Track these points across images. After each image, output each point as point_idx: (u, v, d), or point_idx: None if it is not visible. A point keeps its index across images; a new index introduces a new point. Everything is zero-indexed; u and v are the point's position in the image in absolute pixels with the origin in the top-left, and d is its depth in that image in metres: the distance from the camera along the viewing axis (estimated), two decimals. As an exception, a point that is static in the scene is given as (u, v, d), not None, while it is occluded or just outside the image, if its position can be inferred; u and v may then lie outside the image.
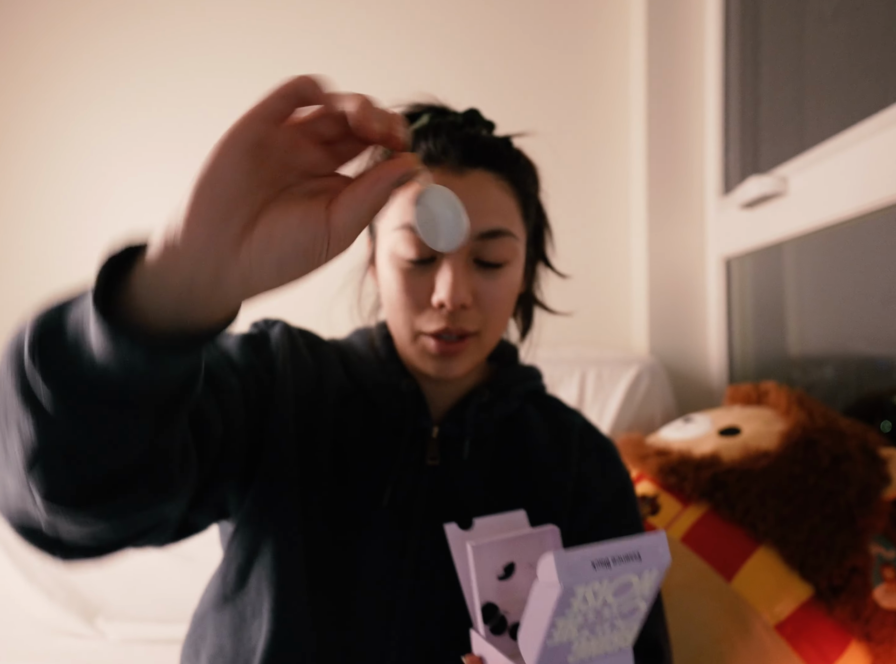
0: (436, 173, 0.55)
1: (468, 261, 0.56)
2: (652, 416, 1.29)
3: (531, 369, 0.72)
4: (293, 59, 1.51)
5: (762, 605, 0.73)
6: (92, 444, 0.33)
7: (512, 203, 0.58)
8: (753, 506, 0.79)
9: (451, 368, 0.58)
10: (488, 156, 0.56)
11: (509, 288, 0.59)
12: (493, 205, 0.56)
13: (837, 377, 1.13)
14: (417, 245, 0.55)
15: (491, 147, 0.57)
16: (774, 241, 1.20)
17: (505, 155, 0.58)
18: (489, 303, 0.57)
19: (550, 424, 0.67)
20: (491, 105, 1.49)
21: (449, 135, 0.57)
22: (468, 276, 0.55)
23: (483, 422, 0.63)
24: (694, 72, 1.46)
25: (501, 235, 0.56)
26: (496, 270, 0.57)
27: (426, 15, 1.52)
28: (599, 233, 1.52)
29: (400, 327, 0.59)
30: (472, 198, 0.54)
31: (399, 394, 0.62)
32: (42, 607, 1.18)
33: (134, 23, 1.50)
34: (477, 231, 0.55)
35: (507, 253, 0.57)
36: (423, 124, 0.60)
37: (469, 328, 0.57)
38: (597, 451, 0.67)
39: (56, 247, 1.51)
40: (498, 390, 0.65)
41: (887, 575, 0.75)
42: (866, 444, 0.84)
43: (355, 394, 0.63)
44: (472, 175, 0.55)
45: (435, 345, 0.57)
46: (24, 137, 1.49)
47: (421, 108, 0.62)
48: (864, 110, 0.96)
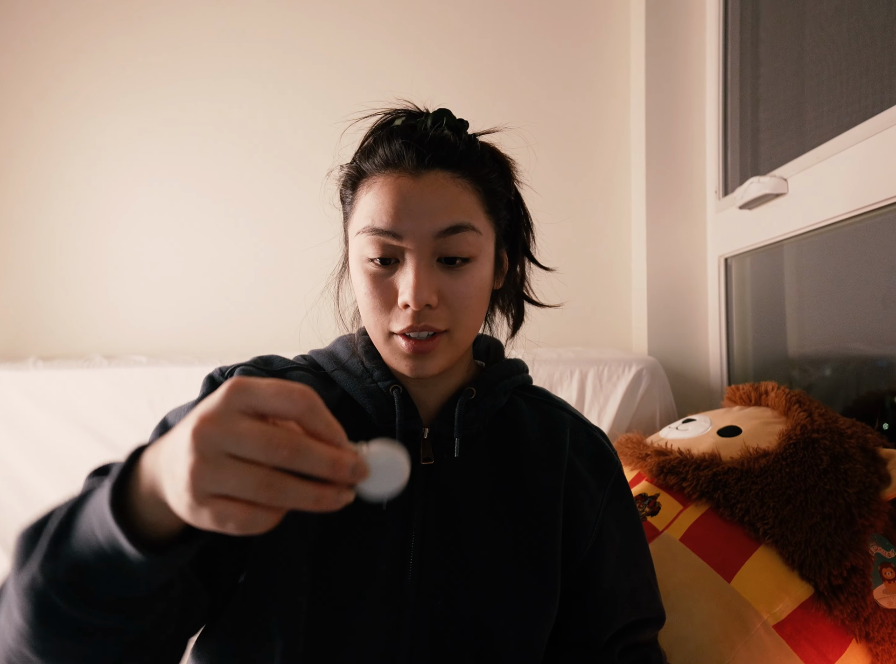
0: (393, 177, 0.56)
1: (431, 260, 0.56)
2: (652, 416, 1.30)
3: (516, 363, 0.72)
4: (294, 79, 1.52)
5: (762, 605, 0.73)
6: None
7: (473, 199, 0.58)
8: (753, 506, 0.79)
9: (424, 367, 0.59)
10: (444, 156, 0.57)
11: (476, 284, 0.59)
12: (450, 201, 0.56)
13: (837, 377, 1.13)
14: (381, 245, 0.56)
15: (447, 147, 0.57)
16: (774, 241, 1.20)
17: (463, 153, 0.58)
18: (456, 300, 0.57)
19: (541, 419, 0.68)
20: (491, 106, 1.50)
21: (405, 138, 0.57)
22: (431, 275, 0.56)
23: (472, 420, 0.63)
24: (694, 73, 1.46)
25: (462, 230, 0.56)
26: (460, 267, 0.57)
27: (426, 15, 1.52)
28: (599, 233, 1.52)
29: (373, 329, 0.60)
30: (428, 198, 0.55)
31: (387, 399, 0.63)
32: (42, 607, 1.18)
33: (139, 40, 1.50)
34: (436, 229, 0.55)
35: (469, 248, 0.57)
36: (377, 129, 0.61)
37: (437, 326, 0.57)
38: (588, 448, 0.69)
39: (56, 247, 1.51)
40: (484, 387, 0.66)
41: (887, 575, 0.75)
42: (866, 444, 0.84)
43: (342, 403, 0.63)
44: (427, 176, 0.56)
45: (406, 345, 0.57)
46: (28, 146, 1.50)
47: (395, 113, 0.63)
48: (863, 110, 0.96)
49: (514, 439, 0.65)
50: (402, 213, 0.55)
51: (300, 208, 1.51)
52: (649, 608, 0.66)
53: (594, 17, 1.52)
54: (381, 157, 0.57)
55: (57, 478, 1.24)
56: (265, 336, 1.49)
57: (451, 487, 0.61)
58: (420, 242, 0.55)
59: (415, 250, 0.55)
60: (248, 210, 1.52)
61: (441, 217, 0.55)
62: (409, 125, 0.59)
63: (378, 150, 0.58)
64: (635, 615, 0.64)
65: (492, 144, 0.64)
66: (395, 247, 0.56)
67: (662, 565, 0.81)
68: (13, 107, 1.49)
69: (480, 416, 0.64)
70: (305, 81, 1.52)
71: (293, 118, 1.52)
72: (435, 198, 0.55)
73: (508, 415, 0.67)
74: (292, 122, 1.52)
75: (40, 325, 1.51)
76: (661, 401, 1.31)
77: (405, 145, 0.56)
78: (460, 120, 0.61)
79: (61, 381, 1.28)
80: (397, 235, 0.55)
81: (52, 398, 1.28)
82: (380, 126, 0.62)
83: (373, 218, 0.56)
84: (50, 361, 1.34)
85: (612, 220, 1.53)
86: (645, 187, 1.45)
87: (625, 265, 1.53)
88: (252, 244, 1.52)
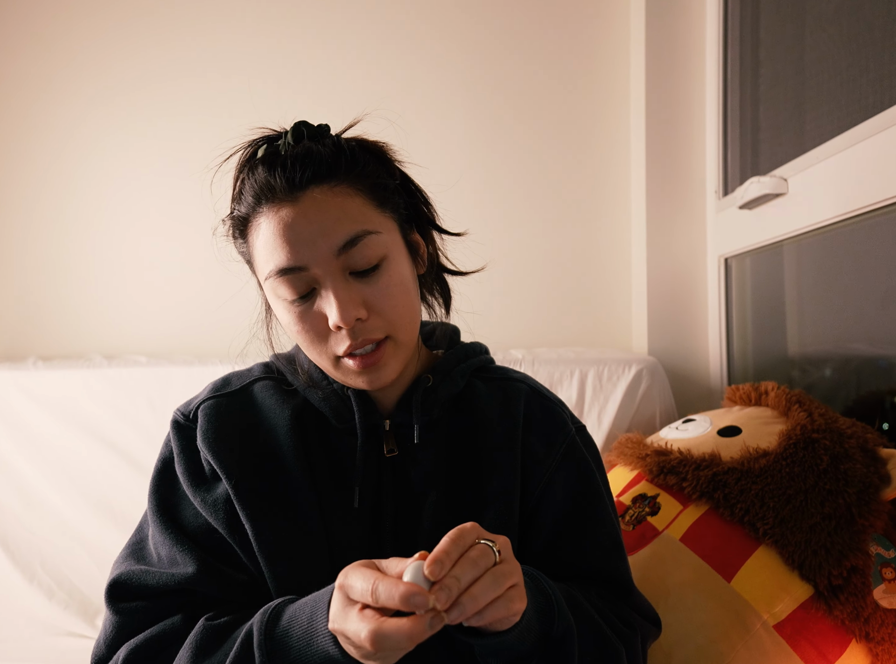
0: (273, 210, 0.55)
1: (344, 275, 0.56)
2: (652, 416, 1.30)
3: (473, 346, 0.72)
4: (296, 89, 1.52)
5: (762, 605, 0.73)
6: None
7: (358, 201, 0.56)
8: (753, 506, 0.79)
9: (380, 377, 0.59)
10: (314, 171, 0.55)
11: (398, 282, 0.58)
12: (337, 215, 0.54)
13: (837, 377, 1.13)
14: (292, 282, 0.55)
15: (314, 160, 0.55)
16: (774, 241, 1.20)
17: (331, 161, 0.56)
18: (383, 306, 0.57)
19: (499, 397, 0.68)
20: (491, 107, 1.50)
21: (268, 165, 0.55)
22: (350, 290, 0.55)
23: (430, 405, 0.64)
24: (694, 73, 1.46)
25: (360, 239, 0.55)
26: (375, 273, 0.56)
27: (426, 16, 1.52)
28: (599, 233, 1.52)
29: (318, 359, 0.60)
30: (314, 219, 0.54)
31: (343, 399, 0.64)
32: (42, 607, 1.19)
33: (143, 52, 1.50)
34: (335, 246, 0.54)
35: (374, 252, 0.56)
36: (242, 167, 0.59)
37: (375, 336, 0.57)
38: (541, 419, 0.68)
39: (56, 248, 1.51)
40: (441, 373, 0.66)
41: (887, 575, 0.75)
42: (866, 444, 0.84)
43: (305, 408, 0.65)
44: (304, 197, 0.54)
45: (355, 363, 0.58)
46: (27, 145, 1.50)
47: (254, 143, 0.60)
48: (863, 111, 0.96)
49: (472, 421, 0.66)
50: (296, 244, 0.54)
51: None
52: (603, 569, 0.65)
53: (594, 17, 1.52)
54: (252, 194, 0.56)
55: (57, 478, 1.25)
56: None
57: (416, 475, 0.63)
58: (326, 264, 0.54)
59: (324, 274, 0.55)
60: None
61: (334, 234, 0.54)
62: (271, 152, 0.57)
63: (246, 187, 0.57)
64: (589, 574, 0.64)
65: (359, 137, 0.62)
66: (305, 278, 0.55)
67: (662, 565, 0.81)
68: (12, 106, 1.50)
69: (438, 402, 0.65)
70: (304, 83, 1.52)
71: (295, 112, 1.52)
72: (320, 216, 0.54)
73: (466, 398, 0.67)
74: (295, 115, 1.52)
75: (40, 325, 1.51)
76: (661, 401, 1.31)
77: (270, 172, 0.55)
78: (319, 126, 0.60)
79: (61, 381, 1.28)
80: (301, 268, 0.54)
81: (52, 398, 1.28)
82: (244, 162, 0.60)
83: (272, 261, 0.55)
84: (50, 361, 1.34)
85: (612, 220, 1.53)
86: (645, 187, 1.45)
87: (625, 265, 1.53)
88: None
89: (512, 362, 1.30)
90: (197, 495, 0.60)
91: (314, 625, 0.46)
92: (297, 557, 0.58)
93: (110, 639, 0.57)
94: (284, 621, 0.49)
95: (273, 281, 0.56)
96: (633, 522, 0.89)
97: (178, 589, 0.57)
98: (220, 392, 0.66)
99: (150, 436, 1.26)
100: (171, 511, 0.61)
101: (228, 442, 0.61)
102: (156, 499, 0.62)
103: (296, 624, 0.48)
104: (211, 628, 0.53)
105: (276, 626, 0.49)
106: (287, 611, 0.50)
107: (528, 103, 1.52)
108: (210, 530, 0.60)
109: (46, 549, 1.23)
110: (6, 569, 1.21)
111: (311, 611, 0.47)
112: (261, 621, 0.50)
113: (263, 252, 0.56)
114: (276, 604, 0.51)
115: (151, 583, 0.57)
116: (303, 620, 0.48)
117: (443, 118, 1.51)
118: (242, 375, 0.69)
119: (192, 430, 0.63)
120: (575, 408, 1.28)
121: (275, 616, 0.50)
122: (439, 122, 1.50)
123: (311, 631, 0.46)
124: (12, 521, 1.24)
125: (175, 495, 0.62)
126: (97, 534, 1.23)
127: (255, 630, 0.49)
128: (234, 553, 0.59)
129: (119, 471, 1.25)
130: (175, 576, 0.57)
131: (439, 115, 1.51)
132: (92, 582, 1.21)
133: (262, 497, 0.59)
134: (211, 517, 0.59)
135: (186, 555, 0.58)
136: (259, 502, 0.59)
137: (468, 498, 0.62)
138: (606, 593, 0.64)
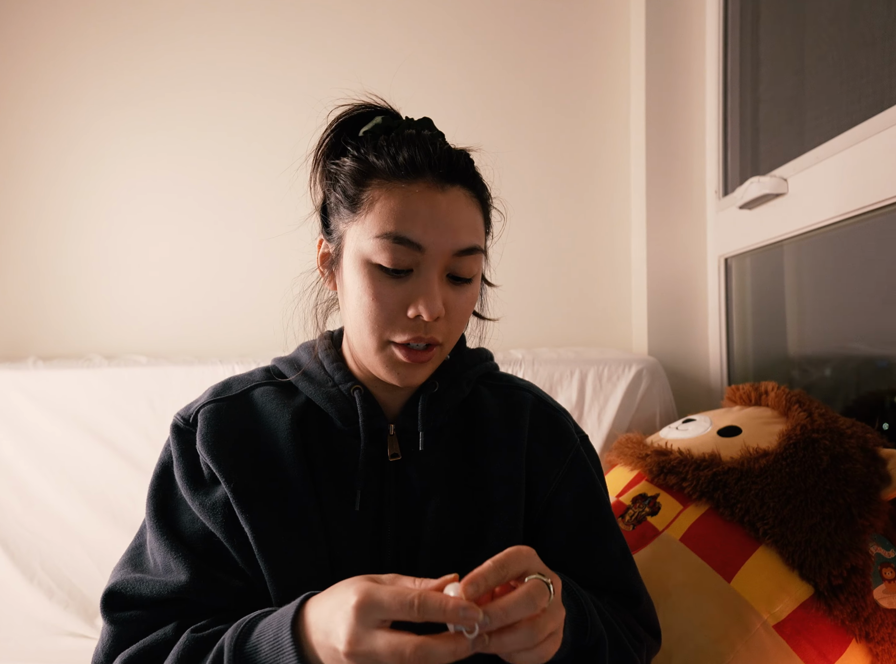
0: (420, 187, 0.56)
1: (443, 274, 0.57)
2: (652, 416, 1.30)
3: (480, 352, 0.73)
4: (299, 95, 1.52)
5: (762, 605, 0.73)
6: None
7: (480, 219, 0.60)
8: (753, 506, 0.79)
9: (415, 376, 0.60)
10: (464, 173, 0.58)
11: (472, 301, 0.61)
12: (470, 221, 0.57)
13: (837, 377, 1.13)
14: (400, 253, 0.55)
15: (466, 164, 0.59)
16: (774, 241, 1.20)
17: (473, 172, 0.60)
18: (456, 315, 0.59)
19: (504, 404, 0.69)
20: (491, 107, 1.50)
21: (430, 148, 0.57)
22: (444, 290, 0.57)
23: (436, 412, 0.64)
24: (694, 73, 1.46)
25: (475, 252, 0.58)
26: (465, 284, 0.59)
27: (426, 15, 1.52)
28: (599, 233, 1.52)
29: (366, 336, 0.58)
30: (453, 215, 0.56)
31: (349, 401, 0.64)
32: (42, 607, 1.18)
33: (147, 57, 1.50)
34: (455, 248, 0.56)
35: (476, 268, 0.59)
36: (399, 130, 0.60)
37: (438, 338, 0.58)
38: (547, 428, 0.69)
39: (55, 249, 1.51)
40: (447, 379, 0.67)
41: (887, 575, 0.75)
42: (866, 444, 0.84)
43: (308, 410, 0.65)
44: (451, 191, 0.57)
45: (405, 355, 0.58)
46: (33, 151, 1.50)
47: (373, 109, 0.63)
48: (863, 111, 0.96)
49: (477, 429, 0.66)
50: (430, 226, 0.55)
51: (301, 208, 1.50)
52: (614, 579, 0.65)
53: (594, 18, 1.51)
54: (406, 160, 0.56)
55: (57, 478, 1.24)
56: (265, 335, 1.49)
57: (419, 480, 0.62)
58: (441, 257, 0.56)
59: (433, 264, 0.56)
60: (249, 209, 1.52)
61: (463, 236, 0.56)
62: (423, 134, 0.59)
63: (401, 150, 0.57)
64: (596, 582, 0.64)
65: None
66: (414, 257, 0.55)
67: (662, 565, 0.81)
68: (14, 107, 1.49)
69: (444, 408, 0.65)
70: (301, 75, 1.52)
71: (290, 118, 1.52)
72: (459, 215, 0.56)
73: (471, 405, 0.68)
74: (290, 121, 1.52)
75: (40, 325, 1.51)
76: (661, 401, 1.31)
77: (434, 155, 0.56)
78: (440, 131, 0.62)
79: (61, 381, 1.28)
80: (420, 246, 0.55)
81: (51, 398, 1.28)
82: (370, 124, 0.60)
83: (398, 225, 0.55)
84: (50, 361, 1.34)
85: (612, 220, 1.52)
86: (645, 187, 1.45)
87: (625, 265, 1.53)
88: (253, 243, 1.52)
89: (512, 362, 1.30)
90: (195, 499, 0.60)
91: (279, 642, 0.46)
92: (298, 561, 0.58)
93: (108, 648, 0.57)
94: (254, 637, 0.48)
95: (382, 241, 0.55)
96: (633, 522, 0.89)
97: (171, 598, 0.56)
98: (221, 396, 0.66)
99: (150, 436, 1.26)
100: (167, 516, 0.61)
101: (228, 445, 0.61)
102: (153, 503, 0.62)
103: (264, 640, 0.47)
104: (195, 640, 0.53)
105: (245, 642, 0.48)
106: (258, 627, 0.49)
107: (527, 103, 1.52)
108: (207, 535, 0.59)
109: (46, 549, 1.23)
110: (6, 569, 1.21)
111: (277, 627, 0.47)
112: (232, 636, 0.49)
113: (389, 214, 0.55)
114: (249, 619, 0.51)
115: (145, 592, 0.57)
116: (269, 636, 0.47)
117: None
118: (243, 380, 0.69)
119: (191, 434, 0.63)
120: (575, 408, 1.28)
121: (246, 631, 0.49)
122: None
123: (276, 648, 0.46)
124: (12, 521, 1.24)
125: (172, 500, 0.62)
126: (97, 533, 1.23)
127: (226, 645, 0.49)
128: (230, 558, 0.59)
129: (119, 470, 1.25)
130: (168, 584, 0.56)
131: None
132: (92, 582, 1.21)
133: (262, 500, 0.59)
134: (209, 521, 0.59)
135: (180, 563, 0.57)
136: (258, 505, 0.59)
137: (472, 505, 0.62)
138: (616, 603, 0.64)
